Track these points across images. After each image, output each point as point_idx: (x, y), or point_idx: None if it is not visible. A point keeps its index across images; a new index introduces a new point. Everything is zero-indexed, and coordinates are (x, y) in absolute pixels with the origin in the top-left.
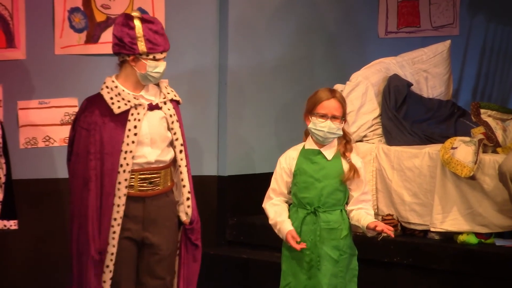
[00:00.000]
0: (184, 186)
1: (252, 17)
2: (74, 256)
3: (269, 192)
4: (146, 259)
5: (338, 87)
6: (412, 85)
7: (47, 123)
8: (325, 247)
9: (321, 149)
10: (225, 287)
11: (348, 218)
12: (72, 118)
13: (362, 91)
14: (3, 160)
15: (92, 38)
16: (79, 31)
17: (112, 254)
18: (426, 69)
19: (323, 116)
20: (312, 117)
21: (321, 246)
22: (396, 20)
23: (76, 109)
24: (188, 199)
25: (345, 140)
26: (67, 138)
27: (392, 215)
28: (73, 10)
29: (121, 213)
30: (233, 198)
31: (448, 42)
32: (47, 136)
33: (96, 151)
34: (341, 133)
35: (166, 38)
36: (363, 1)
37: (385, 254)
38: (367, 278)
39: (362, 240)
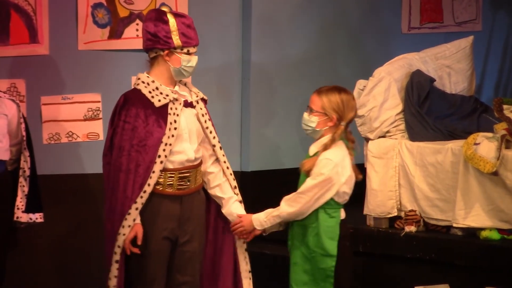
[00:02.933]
0: (230, 180)
1: (275, 12)
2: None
3: None
4: (178, 256)
5: (361, 82)
6: (435, 80)
7: (70, 118)
8: (298, 243)
9: (312, 144)
10: None
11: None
12: (95, 113)
13: (385, 86)
14: (27, 154)
15: (116, 34)
16: (102, 26)
17: (124, 235)
18: (449, 65)
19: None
20: None
21: (294, 242)
22: (419, 16)
23: (99, 105)
24: (236, 193)
25: (331, 139)
26: (91, 134)
27: (415, 211)
28: (97, 6)
29: (144, 200)
30: (256, 194)
31: (471, 38)
32: (70, 131)
33: (136, 144)
34: (313, 125)
35: (196, 32)
36: None
37: (408, 250)
38: (390, 274)
39: (385, 236)
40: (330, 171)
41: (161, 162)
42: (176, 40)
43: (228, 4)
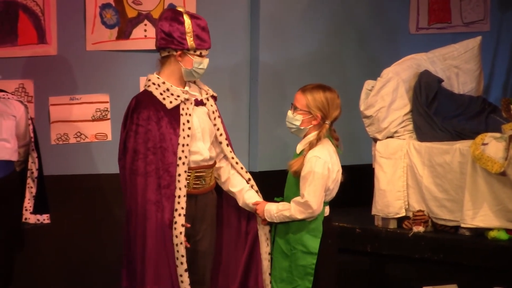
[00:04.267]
0: (243, 174)
1: (283, 13)
2: (132, 255)
3: None
4: (190, 254)
5: (369, 83)
6: (443, 81)
7: (78, 119)
8: (279, 239)
9: (299, 143)
10: None
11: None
12: (104, 114)
13: (393, 87)
14: (35, 155)
15: (124, 34)
16: (110, 27)
17: (181, 244)
18: (457, 65)
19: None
20: None
21: (276, 238)
22: (427, 16)
23: (107, 105)
24: (251, 184)
25: (316, 138)
26: (99, 134)
27: (423, 211)
28: (105, 6)
29: (183, 204)
30: (264, 194)
31: (479, 38)
32: (79, 132)
33: (152, 146)
34: (297, 124)
35: (209, 35)
36: None
37: (416, 250)
38: (398, 274)
39: (393, 236)
40: (322, 168)
41: (183, 163)
42: (190, 41)
43: (236, 4)
